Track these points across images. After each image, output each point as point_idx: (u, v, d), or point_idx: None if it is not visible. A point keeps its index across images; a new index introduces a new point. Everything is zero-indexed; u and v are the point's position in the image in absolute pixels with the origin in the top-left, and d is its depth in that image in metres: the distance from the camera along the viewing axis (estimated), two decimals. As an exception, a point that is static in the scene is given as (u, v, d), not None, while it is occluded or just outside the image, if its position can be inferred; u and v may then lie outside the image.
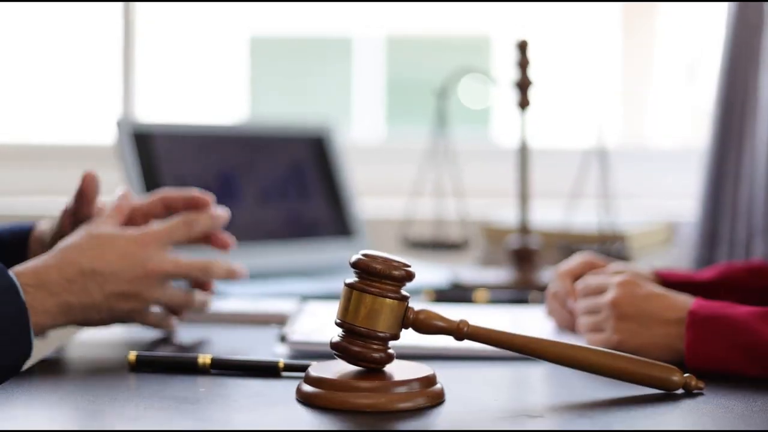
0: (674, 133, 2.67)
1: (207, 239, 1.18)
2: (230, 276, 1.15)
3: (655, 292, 1.03)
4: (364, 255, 0.85)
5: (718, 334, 0.96)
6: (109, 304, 1.06)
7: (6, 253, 1.17)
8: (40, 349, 1.06)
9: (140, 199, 1.18)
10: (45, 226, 1.19)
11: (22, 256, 1.17)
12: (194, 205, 1.16)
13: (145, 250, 1.08)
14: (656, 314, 1.01)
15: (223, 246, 1.18)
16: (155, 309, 1.12)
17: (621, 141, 2.49)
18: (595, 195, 1.65)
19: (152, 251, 1.09)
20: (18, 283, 1.00)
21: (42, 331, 1.04)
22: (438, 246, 1.72)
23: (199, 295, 1.15)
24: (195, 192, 1.17)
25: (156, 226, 1.11)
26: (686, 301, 1.01)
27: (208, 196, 1.17)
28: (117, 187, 1.15)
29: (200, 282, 1.16)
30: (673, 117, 2.69)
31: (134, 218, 1.16)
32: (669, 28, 2.55)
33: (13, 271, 1.03)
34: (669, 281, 1.15)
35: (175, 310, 1.13)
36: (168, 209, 1.17)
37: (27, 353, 0.98)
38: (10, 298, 0.99)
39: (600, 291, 1.07)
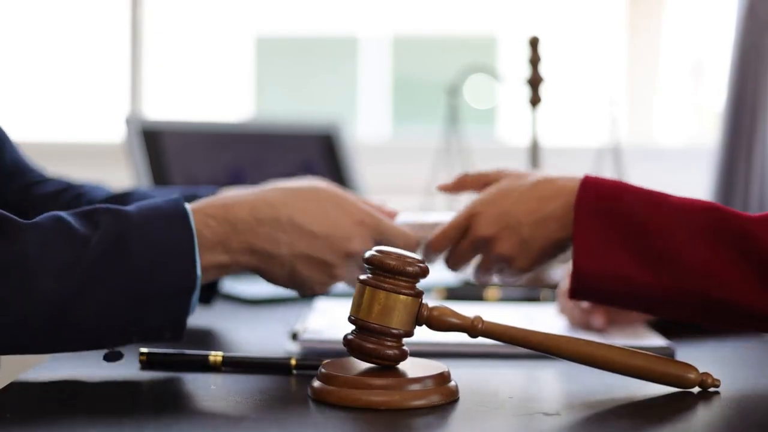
0: (681, 131, 2.67)
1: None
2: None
3: (520, 193, 1.01)
4: (377, 251, 0.85)
5: (608, 228, 0.94)
6: (294, 263, 1.00)
7: None
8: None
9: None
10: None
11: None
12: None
13: (359, 228, 1.02)
14: (532, 218, 1.00)
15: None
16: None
17: (628, 139, 2.48)
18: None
19: (364, 234, 1.02)
20: (190, 213, 0.93)
21: (225, 270, 0.98)
22: None
23: None
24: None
25: (384, 217, 1.04)
26: (553, 184, 0.99)
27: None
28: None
29: None
30: (679, 115, 2.68)
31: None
32: (675, 26, 2.54)
33: (200, 201, 0.97)
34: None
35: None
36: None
37: (192, 284, 0.92)
38: (177, 227, 0.92)
39: (465, 224, 1.03)
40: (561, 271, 1.50)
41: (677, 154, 2.37)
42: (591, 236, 0.93)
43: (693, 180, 2.18)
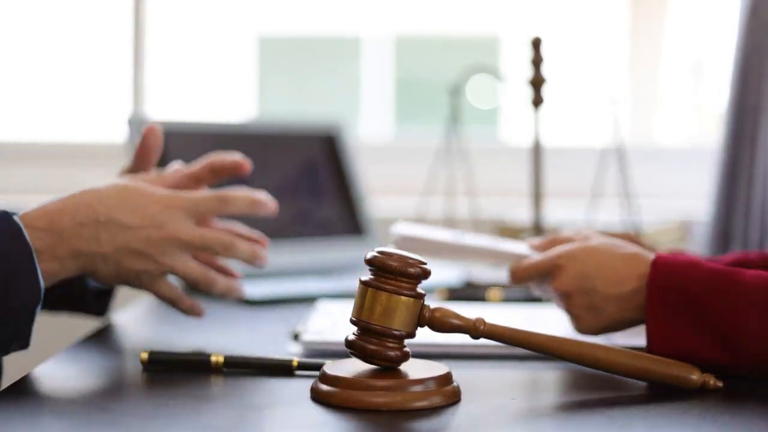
0: (682, 132, 2.66)
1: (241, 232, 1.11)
2: (252, 260, 1.10)
3: (604, 261, 1.01)
4: (379, 252, 0.85)
5: (679, 310, 0.94)
6: (118, 258, 1.02)
7: None
8: (53, 347, 1.05)
9: (192, 166, 1.14)
10: None
11: None
12: (238, 171, 1.10)
13: (167, 212, 1.04)
14: (608, 291, 0.99)
15: (249, 236, 1.12)
16: (171, 281, 1.08)
17: (630, 139, 2.48)
18: (610, 194, 1.65)
19: (175, 216, 1.04)
20: (23, 227, 0.96)
21: (55, 277, 1.00)
22: None
23: (223, 279, 1.10)
24: (238, 156, 1.11)
25: (188, 193, 1.07)
26: (639, 263, 0.99)
27: (248, 163, 1.11)
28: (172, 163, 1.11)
29: (221, 267, 1.12)
30: (681, 115, 2.68)
31: (185, 185, 1.12)
32: (677, 27, 2.54)
33: (24, 213, 0.99)
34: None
35: (195, 287, 1.08)
36: (216, 175, 1.13)
37: (36, 297, 0.95)
38: (15, 243, 0.95)
39: (547, 271, 1.05)
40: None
41: (679, 154, 2.37)
42: (662, 319, 0.94)
43: (695, 181, 2.18)
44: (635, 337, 1.05)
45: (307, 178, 1.69)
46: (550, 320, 1.16)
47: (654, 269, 0.95)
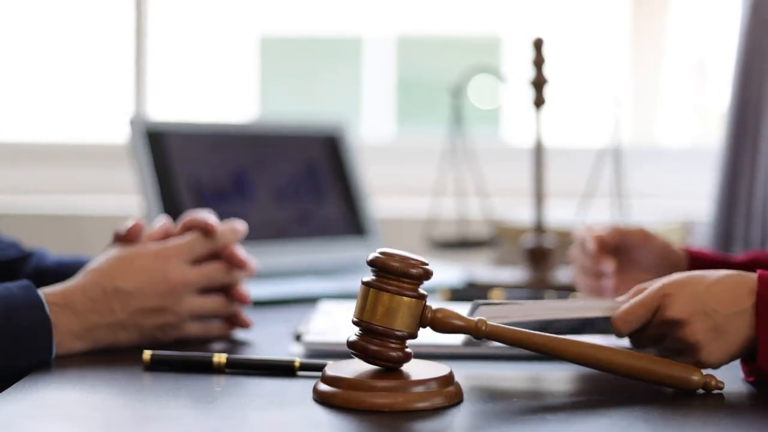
0: (684, 132, 2.66)
1: (227, 258, 1.14)
2: (248, 269, 1.14)
3: (712, 281, 0.95)
4: (381, 253, 0.85)
5: None
6: (135, 321, 1.06)
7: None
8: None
9: (172, 225, 1.17)
10: None
11: None
12: (209, 231, 1.13)
13: (166, 263, 1.08)
14: (728, 309, 0.93)
15: (240, 265, 1.14)
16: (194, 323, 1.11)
17: (632, 140, 2.48)
18: (610, 194, 1.65)
19: (174, 264, 1.08)
20: (44, 299, 1.01)
21: (67, 353, 1.03)
22: (463, 245, 1.72)
23: (234, 306, 1.14)
24: (211, 218, 1.14)
25: (176, 240, 1.11)
26: (745, 280, 0.94)
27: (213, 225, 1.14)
28: (129, 219, 1.13)
29: (231, 292, 1.14)
30: (682, 116, 2.68)
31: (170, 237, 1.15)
32: (679, 27, 2.54)
33: (41, 291, 1.03)
34: (700, 261, 1.14)
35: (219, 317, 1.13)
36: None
37: (46, 364, 0.99)
38: (35, 312, 1.00)
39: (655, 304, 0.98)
40: (565, 272, 1.50)
41: (681, 154, 2.37)
42: None
43: (696, 181, 2.18)
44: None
45: (308, 178, 1.69)
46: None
47: (761, 284, 0.92)
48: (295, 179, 1.67)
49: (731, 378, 0.92)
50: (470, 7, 3.03)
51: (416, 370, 0.85)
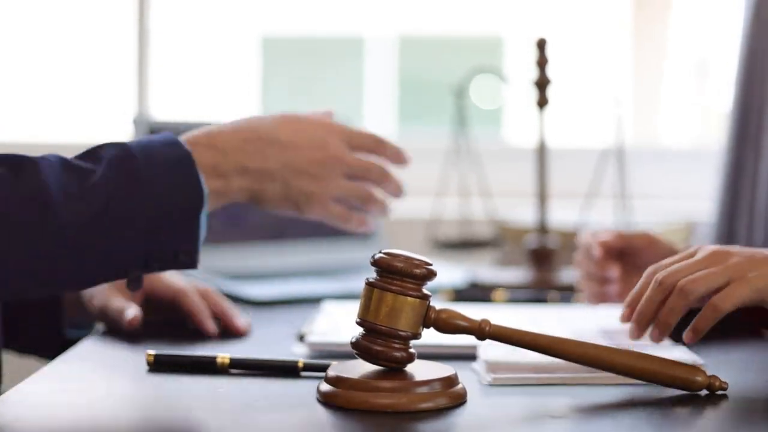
0: (686, 133, 2.66)
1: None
2: (397, 192, 1.12)
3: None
4: (385, 253, 0.85)
5: None
6: (286, 177, 1.03)
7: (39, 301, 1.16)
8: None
9: None
10: None
11: (57, 295, 1.16)
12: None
13: (330, 136, 1.05)
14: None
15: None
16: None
17: (634, 140, 2.48)
18: (613, 195, 1.65)
19: (335, 139, 1.05)
20: (181, 138, 0.99)
21: (223, 197, 1.01)
22: (466, 245, 1.72)
23: (379, 194, 1.11)
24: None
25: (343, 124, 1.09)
26: None
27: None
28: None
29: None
30: (685, 116, 2.68)
31: None
32: (681, 27, 2.54)
33: (187, 134, 1.01)
34: None
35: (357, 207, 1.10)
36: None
37: (198, 202, 0.97)
38: (175, 149, 0.98)
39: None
40: (568, 273, 1.50)
41: (683, 155, 2.37)
42: None
43: (699, 182, 2.18)
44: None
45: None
46: (555, 321, 1.17)
47: None
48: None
49: (735, 379, 0.92)
50: (472, 8, 3.03)
51: (420, 370, 0.85)
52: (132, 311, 1.09)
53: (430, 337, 0.89)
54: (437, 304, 0.87)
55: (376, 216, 1.13)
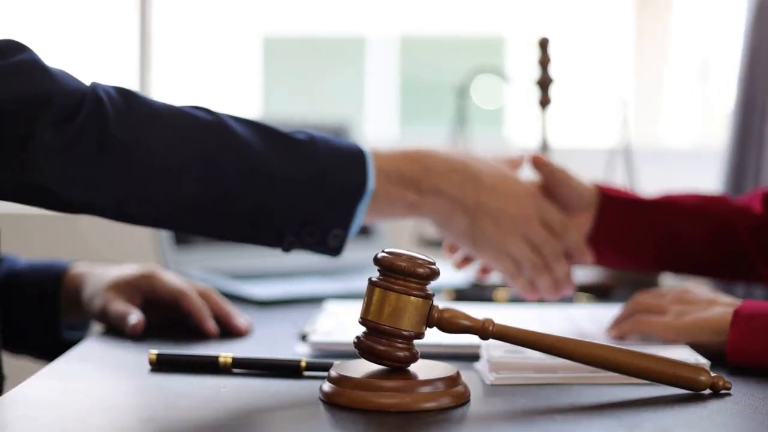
0: (688, 133, 2.66)
1: None
2: (555, 291, 1.16)
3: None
4: (388, 252, 0.84)
5: (759, 331, 0.96)
6: (476, 215, 1.08)
7: (36, 293, 1.16)
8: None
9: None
10: (84, 268, 1.18)
11: (54, 297, 1.17)
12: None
13: (529, 198, 1.11)
14: (713, 299, 1.04)
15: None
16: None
17: (636, 140, 2.48)
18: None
19: (533, 204, 1.11)
20: (366, 149, 1.05)
21: (412, 208, 1.07)
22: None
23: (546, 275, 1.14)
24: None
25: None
26: (736, 302, 1.02)
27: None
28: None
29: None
30: (686, 116, 2.67)
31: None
32: (683, 27, 2.54)
33: (399, 148, 1.07)
34: (610, 194, 1.18)
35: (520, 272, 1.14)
36: None
37: (359, 191, 1.03)
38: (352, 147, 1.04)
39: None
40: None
41: (685, 155, 2.37)
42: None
43: (701, 182, 2.17)
44: (643, 339, 1.05)
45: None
46: (557, 321, 1.16)
47: (742, 304, 1.00)
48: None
49: (739, 379, 0.91)
50: (473, 8, 3.03)
51: (423, 370, 0.85)
52: (135, 317, 1.10)
53: (433, 336, 0.89)
54: (440, 303, 0.87)
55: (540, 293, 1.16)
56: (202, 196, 0.98)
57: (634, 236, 1.21)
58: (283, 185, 1.00)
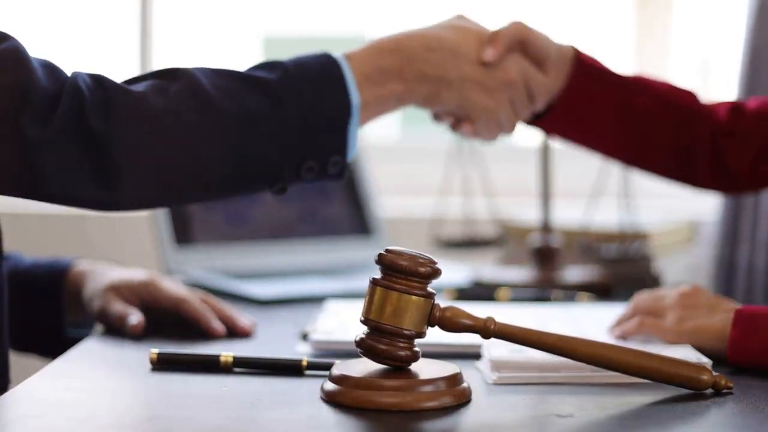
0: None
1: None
2: None
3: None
4: (389, 251, 0.84)
5: (760, 331, 0.96)
6: (462, 87, 1.08)
7: (40, 290, 1.16)
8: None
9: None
10: (86, 267, 1.18)
11: (56, 294, 1.16)
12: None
13: (510, 60, 1.11)
14: (714, 304, 1.03)
15: None
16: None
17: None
18: (617, 194, 1.64)
19: (516, 64, 1.11)
20: (340, 60, 1.02)
21: (400, 101, 1.06)
22: (470, 244, 1.72)
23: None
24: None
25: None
26: (737, 306, 1.02)
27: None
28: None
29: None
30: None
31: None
32: (684, 26, 2.54)
33: (377, 39, 1.06)
34: (583, 60, 1.18)
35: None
36: None
37: (346, 110, 1.01)
38: (326, 62, 1.02)
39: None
40: (572, 272, 1.49)
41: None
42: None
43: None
44: (645, 339, 1.05)
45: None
46: (559, 320, 1.16)
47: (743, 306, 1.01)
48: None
49: (741, 378, 0.91)
50: (474, 7, 3.02)
51: (424, 369, 0.85)
52: (135, 317, 1.10)
53: (434, 335, 0.88)
54: (441, 302, 0.87)
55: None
56: (191, 170, 0.96)
57: (599, 109, 1.20)
58: (268, 131, 0.98)
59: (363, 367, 0.85)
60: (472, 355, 0.99)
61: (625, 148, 1.25)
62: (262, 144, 0.98)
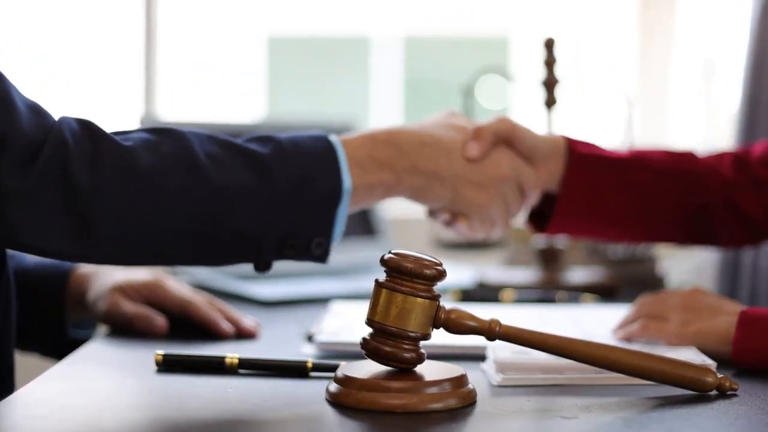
0: (694, 133, 2.66)
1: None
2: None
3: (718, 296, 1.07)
4: (394, 254, 0.84)
5: (765, 333, 0.96)
6: (455, 184, 1.08)
7: (43, 291, 1.16)
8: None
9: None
10: (89, 269, 1.19)
11: (59, 295, 1.17)
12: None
13: (501, 156, 1.11)
14: (718, 306, 1.03)
15: None
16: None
17: (641, 140, 2.47)
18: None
19: (508, 161, 1.11)
20: (332, 140, 1.02)
21: (390, 191, 1.06)
22: (473, 245, 1.72)
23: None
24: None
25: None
26: (741, 306, 1.03)
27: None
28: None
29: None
30: (692, 116, 2.67)
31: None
32: (688, 26, 2.54)
33: (369, 130, 1.07)
34: (577, 150, 1.16)
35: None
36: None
37: (336, 196, 1.00)
38: (320, 144, 1.01)
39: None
40: (576, 273, 1.49)
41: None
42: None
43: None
44: (649, 341, 1.05)
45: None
46: (563, 321, 1.16)
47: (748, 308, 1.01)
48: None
49: (746, 380, 0.91)
50: (478, 8, 3.03)
51: (429, 371, 0.85)
52: (161, 319, 1.12)
53: (439, 337, 0.89)
54: (446, 304, 0.87)
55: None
56: (173, 233, 0.94)
57: (602, 195, 1.18)
58: (255, 205, 0.96)
59: (368, 368, 0.85)
60: (477, 356, 1.00)
61: (636, 228, 1.23)
62: (244, 217, 0.96)
